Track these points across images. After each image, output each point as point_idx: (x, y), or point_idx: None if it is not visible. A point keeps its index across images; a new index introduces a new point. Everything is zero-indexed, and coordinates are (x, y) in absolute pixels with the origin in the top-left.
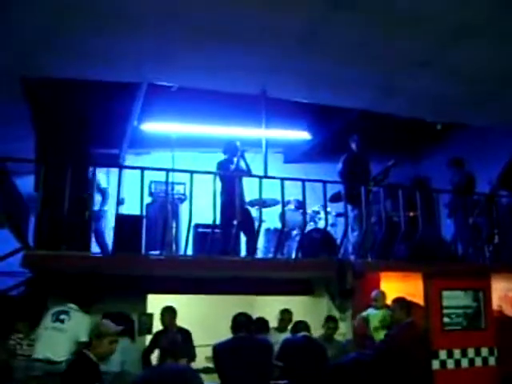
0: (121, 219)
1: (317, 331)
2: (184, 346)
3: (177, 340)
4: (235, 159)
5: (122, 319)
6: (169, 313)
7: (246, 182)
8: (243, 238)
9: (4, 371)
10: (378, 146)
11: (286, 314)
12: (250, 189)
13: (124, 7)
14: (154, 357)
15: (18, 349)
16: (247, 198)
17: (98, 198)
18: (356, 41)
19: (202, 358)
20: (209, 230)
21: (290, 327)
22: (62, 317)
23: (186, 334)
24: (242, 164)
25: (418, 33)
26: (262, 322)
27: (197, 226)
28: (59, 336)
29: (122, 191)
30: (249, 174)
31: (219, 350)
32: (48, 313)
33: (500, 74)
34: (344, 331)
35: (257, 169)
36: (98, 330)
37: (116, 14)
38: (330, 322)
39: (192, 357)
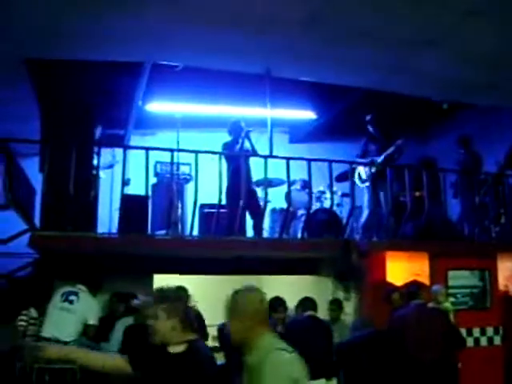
0: (126, 200)
1: (322, 311)
2: None
3: None
4: (240, 140)
5: (128, 299)
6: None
7: (252, 162)
8: (249, 219)
9: (15, 352)
10: (385, 126)
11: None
12: (255, 169)
13: None
14: None
15: (29, 329)
16: (253, 179)
17: None
18: (361, 22)
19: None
20: (214, 210)
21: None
22: (71, 297)
23: (197, 314)
24: (247, 144)
25: (424, 12)
26: (280, 301)
27: (202, 206)
28: (67, 316)
29: (127, 172)
30: (254, 153)
31: (224, 330)
32: (58, 291)
33: (507, 56)
34: (349, 311)
35: (262, 149)
36: None
37: None
38: (332, 305)
39: (205, 336)
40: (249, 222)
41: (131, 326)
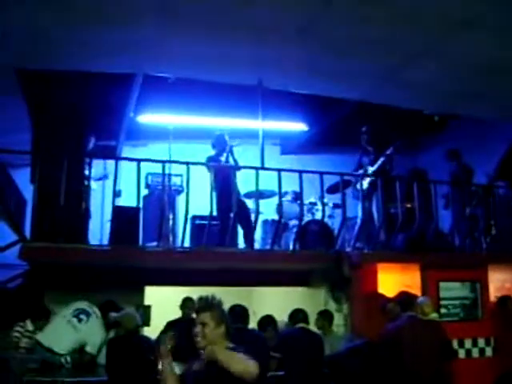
0: (118, 211)
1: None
2: None
3: None
4: (225, 154)
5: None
6: (189, 303)
7: (243, 173)
8: (241, 230)
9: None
10: (376, 138)
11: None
12: (246, 180)
13: None
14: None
15: (22, 342)
16: (244, 190)
17: None
18: (355, 33)
19: None
20: (206, 222)
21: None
22: (82, 316)
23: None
24: (231, 160)
25: (417, 24)
26: (269, 321)
27: (194, 217)
28: (70, 332)
29: (118, 183)
30: (237, 168)
31: None
32: (72, 304)
33: (500, 67)
34: (341, 322)
35: (254, 160)
36: None
37: (114, 6)
38: (318, 320)
39: None
40: (241, 233)
41: (112, 338)
